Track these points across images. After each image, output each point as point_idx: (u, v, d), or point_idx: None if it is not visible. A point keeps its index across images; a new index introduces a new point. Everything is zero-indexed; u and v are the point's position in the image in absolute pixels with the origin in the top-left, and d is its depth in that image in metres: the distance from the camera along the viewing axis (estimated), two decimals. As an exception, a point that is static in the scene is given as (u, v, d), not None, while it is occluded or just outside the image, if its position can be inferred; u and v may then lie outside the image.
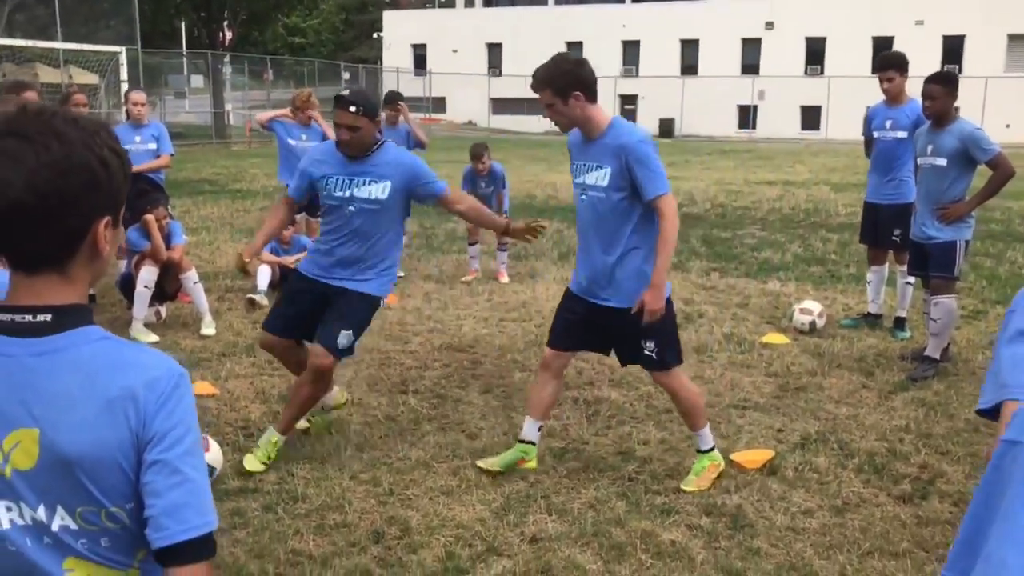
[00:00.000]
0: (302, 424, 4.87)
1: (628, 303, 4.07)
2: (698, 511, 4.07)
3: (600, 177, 4.05)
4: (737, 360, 6.33)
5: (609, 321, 4.20)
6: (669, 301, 4.12)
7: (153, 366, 1.42)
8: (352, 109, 4.32)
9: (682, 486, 4.27)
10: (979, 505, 1.10)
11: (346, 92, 4.50)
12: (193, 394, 1.47)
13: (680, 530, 3.90)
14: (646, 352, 4.18)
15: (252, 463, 4.44)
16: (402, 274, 9.15)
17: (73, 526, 1.39)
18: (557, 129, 4.40)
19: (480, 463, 4.46)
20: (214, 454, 4.30)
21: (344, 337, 4.42)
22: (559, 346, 4.39)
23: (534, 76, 4.06)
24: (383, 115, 9.13)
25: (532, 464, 4.48)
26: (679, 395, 4.31)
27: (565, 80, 3.98)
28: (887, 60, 6.68)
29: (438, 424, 5.11)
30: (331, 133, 9.48)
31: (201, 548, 1.37)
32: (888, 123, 6.68)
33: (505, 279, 8.86)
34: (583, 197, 4.16)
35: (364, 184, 4.44)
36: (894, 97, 6.67)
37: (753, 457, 4.62)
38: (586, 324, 4.29)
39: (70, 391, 1.36)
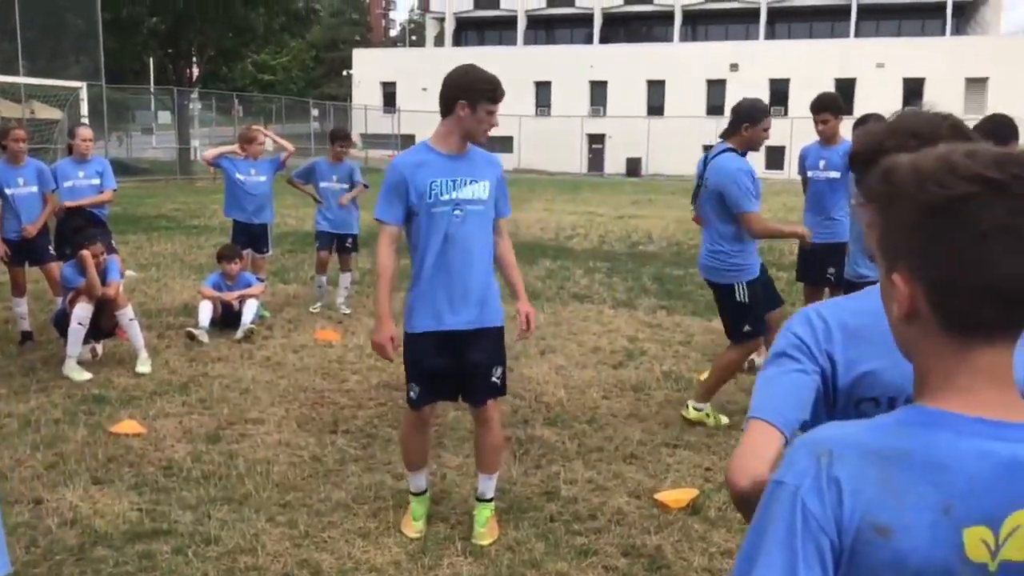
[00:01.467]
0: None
1: (497, 321, 4.00)
2: (617, 552, 4.03)
3: (480, 189, 3.89)
4: (674, 398, 6.32)
5: (466, 345, 3.93)
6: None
7: None
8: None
9: (478, 541, 4.05)
10: (751, 546, 1.10)
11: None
12: None
13: (597, 572, 3.86)
14: (493, 379, 4.02)
15: None
16: (348, 311, 9.11)
17: None
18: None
19: (408, 532, 4.18)
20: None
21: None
22: (429, 401, 4.13)
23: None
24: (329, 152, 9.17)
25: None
26: (495, 429, 4.11)
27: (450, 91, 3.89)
28: (821, 102, 6.78)
29: (365, 465, 5.04)
30: (288, 145, 9.48)
31: None
32: (821, 163, 6.77)
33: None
34: (456, 212, 3.84)
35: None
36: (828, 138, 6.77)
37: (677, 496, 4.59)
38: (445, 366, 3.97)
39: None
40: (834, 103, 6.71)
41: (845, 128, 6.57)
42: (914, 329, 1.12)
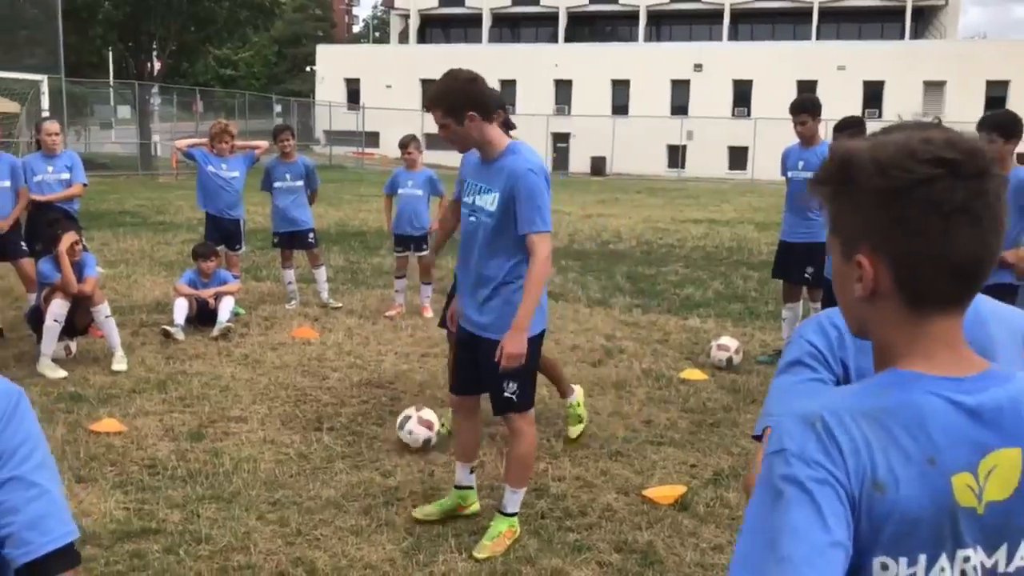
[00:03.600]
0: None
1: (500, 335, 3.76)
2: (609, 548, 4.06)
3: (490, 201, 3.78)
4: (655, 395, 6.37)
5: (482, 352, 3.89)
6: (536, 339, 3.86)
7: None
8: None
9: (475, 553, 3.92)
10: (759, 519, 1.11)
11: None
12: (32, 411, 1.49)
13: (590, 567, 3.88)
14: (506, 394, 3.89)
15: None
16: (339, 304, 9.11)
17: None
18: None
19: (416, 513, 4.28)
20: None
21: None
22: (455, 390, 4.27)
23: (428, 94, 3.83)
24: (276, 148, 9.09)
25: (475, 508, 4.34)
26: (526, 439, 4.01)
27: (459, 98, 3.69)
28: (800, 104, 6.87)
29: (352, 462, 5.02)
30: (258, 143, 9.40)
31: (67, 558, 1.43)
32: (800, 164, 6.87)
33: (429, 314, 8.80)
34: (471, 218, 3.89)
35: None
36: (807, 139, 6.87)
37: (665, 493, 4.64)
38: (475, 362, 3.97)
39: None
40: (812, 104, 6.80)
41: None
42: (874, 307, 1.19)
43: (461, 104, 3.67)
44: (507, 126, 4.75)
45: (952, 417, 1.13)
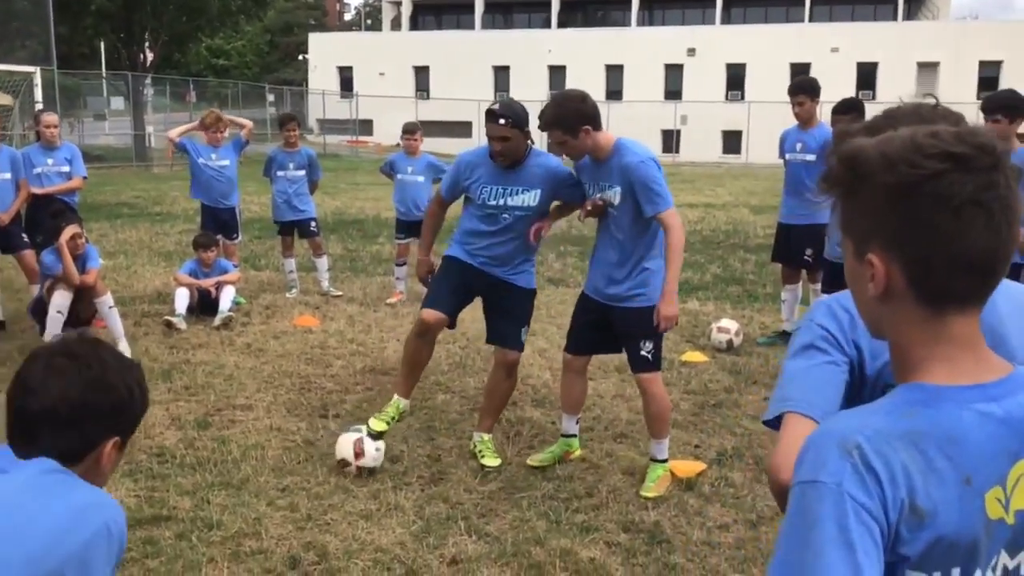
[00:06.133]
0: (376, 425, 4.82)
1: (637, 304, 4.37)
2: (617, 528, 4.11)
3: (614, 196, 4.32)
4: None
5: (617, 320, 4.49)
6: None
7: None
8: (501, 121, 4.46)
9: (642, 492, 4.44)
10: (793, 554, 1.08)
11: (496, 106, 4.56)
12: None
13: (599, 547, 3.93)
14: (643, 353, 4.46)
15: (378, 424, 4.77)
16: (339, 293, 9.15)
17: None
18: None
19: (530, 461, 4.79)
20: None
21: (524, 333, 4.87)
22: (572, 350, 4.75)
23: (541, 118, 4.31)
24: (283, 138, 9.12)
25: (578, 453, 4.92)
26: (656, 400, 4.55)
27: (574, 118, 4.25)
28: (798, 85, 6.90)
29: (359, 447, 5.06)
30: (243, 121, 9.35)
31: None
32: (798, 146, 6.90)
33: (430, 301, 8.81)
34: (611, 211, 4.38)
35: (517, 193, 4.64)
36: (805, 121, 6.89)
37: (686, 468, 4.72)
38: (597, 325, 4.60)
39: None
40: (810, 86, 6.83)
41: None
42: (889, 307, 1.17)
43: (576, 121, 4.26)
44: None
45: (983, 431, 1.12)
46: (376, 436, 4.71)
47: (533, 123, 4.48)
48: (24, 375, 1.74)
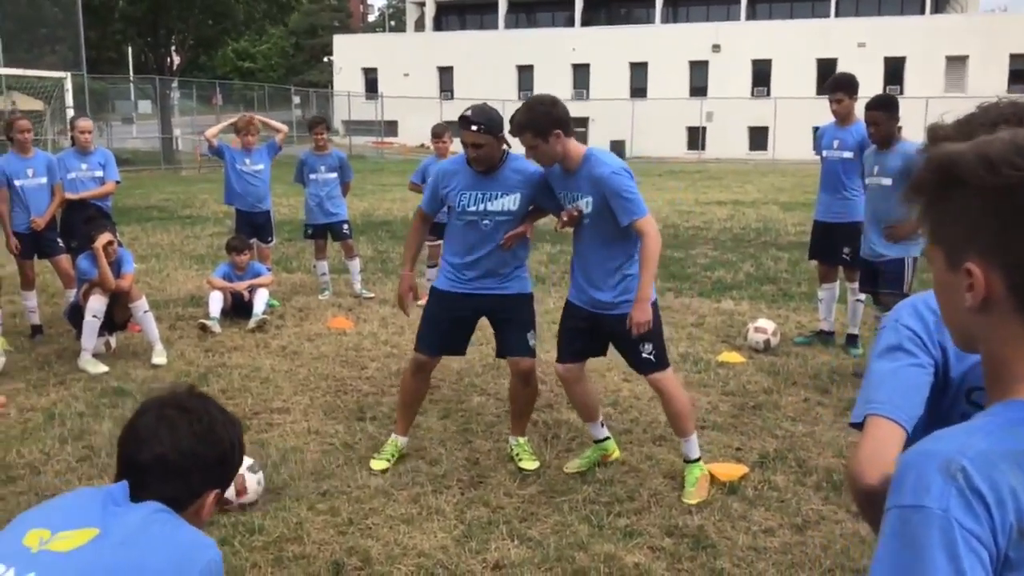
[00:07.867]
0: (380, 465, 4.82)
1: (626, 311, 4.32)
2: (660, 532, 4.06)
3: (585, 205, 4.33)
4: (694, 379, 6.36)
5: (610, 328, 4.45)
6: (655, 305, 4.38)
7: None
8: (473, 128, 4.42)
9: (684, 499, 4.39)
10: None
11: (469, 112, 4.50)
12: None
13: (643, 552, 3.89)
14: (644, 355, 4.40)
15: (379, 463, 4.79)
16: (371, 295, 9.16)
17: None
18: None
19: (567, 468, 4.74)
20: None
21: (531, 338, 4.78)
22: (562, 360, 4.67)
23: (512, 121, 4.29)
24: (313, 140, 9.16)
25: (617, 455, 4.89)
26: (673, 397, 4.49)
27: (545, 122, 4.24)
28: (837, 82, 6.81)
29: (397, 451, 5.04)
30: (279, 126, 9.43)
31: None
32: (835, 143, 6.81)
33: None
34: (584, 220, 4.38)
35: (496, 198, 4.59)
36: (842, 118, 6.81)
37: (729, 471, 4.66)
38: (581, 331, 4.56)
39: None
40: (848, 83, 6.74)
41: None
42: (987, 318, 1.11)
43: (547, 125, 4.24)
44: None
45: None
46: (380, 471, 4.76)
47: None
48: (136, 424, 1.84)
